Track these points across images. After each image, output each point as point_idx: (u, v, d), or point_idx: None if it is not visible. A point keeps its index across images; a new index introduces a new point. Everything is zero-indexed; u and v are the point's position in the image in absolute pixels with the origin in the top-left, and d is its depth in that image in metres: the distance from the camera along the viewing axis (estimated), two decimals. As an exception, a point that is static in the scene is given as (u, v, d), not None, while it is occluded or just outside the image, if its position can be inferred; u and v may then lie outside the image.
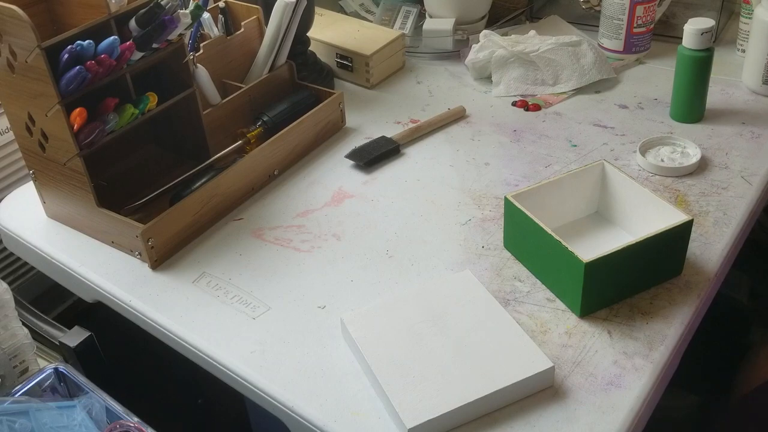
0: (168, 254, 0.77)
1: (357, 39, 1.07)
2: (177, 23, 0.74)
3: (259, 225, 0.81)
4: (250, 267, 0.75)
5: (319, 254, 0.76)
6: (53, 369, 0.73)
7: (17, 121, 0.76)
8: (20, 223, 0.84)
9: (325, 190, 0.85)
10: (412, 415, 0.56)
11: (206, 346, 0.67)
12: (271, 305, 0.70)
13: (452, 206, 0.81)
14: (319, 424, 0.59)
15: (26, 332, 0.78)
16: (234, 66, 0.94)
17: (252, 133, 0.89)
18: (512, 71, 1.00)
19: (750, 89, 0.97)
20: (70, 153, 0.73)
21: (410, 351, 0.61)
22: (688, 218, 0.66)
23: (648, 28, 1.03)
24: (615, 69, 1.04)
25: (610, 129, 0.92)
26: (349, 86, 1.07)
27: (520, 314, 0.67)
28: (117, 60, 0.71)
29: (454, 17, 1.11)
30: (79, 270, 0.77)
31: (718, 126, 0.90)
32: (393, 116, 0.98)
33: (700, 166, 0.83)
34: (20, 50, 0.68)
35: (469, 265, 0.73)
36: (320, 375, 0.63)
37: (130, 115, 0.74)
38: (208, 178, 0.80)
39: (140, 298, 0.72)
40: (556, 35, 1.01)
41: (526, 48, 0.99)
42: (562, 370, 0.61)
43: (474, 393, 0.57)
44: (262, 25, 0.94)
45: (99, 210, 0.76)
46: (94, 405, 0.69)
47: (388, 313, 0.65)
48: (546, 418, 0.58)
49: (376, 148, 0.90)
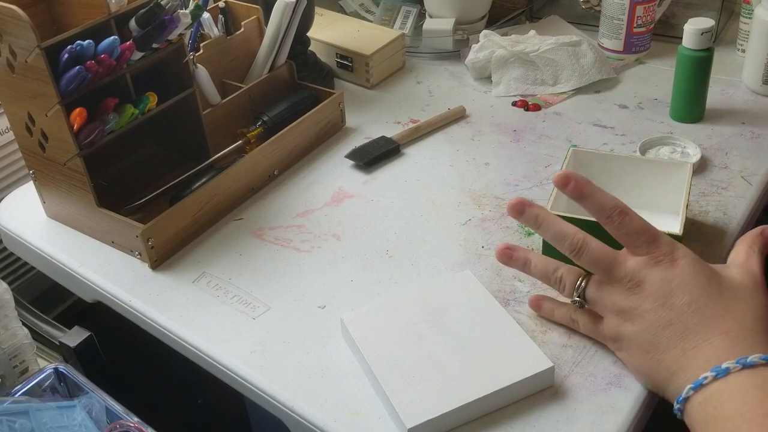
0: (168, 254, 0.77)
1: (357, 39, 1.07)
2: (177, 23, 0.74)
3: (259, 225, 0.81)
4: (250, 267, 0.75)
5: (319, 254, 0.76)
6: (53, 369, 0.73)
7: (17, 121, 0.76)
8: (20, 223, 0.84)
9: (325, 190, 0.85)
10: (412, 415, 0.56)
11: (206, 346, 0.67)
12: (271, 305, 0.70)
13: (452, 206, 0.81)
14: (319, 424, 0.59)
15: (26, 332, 0.78)
16: (234, 66, 0.94)
17: (252, 133, 0.89)
18: (512, 71, 1.00)
19: (750, 89, 0.97)
20: (70, 153, 0.73)
21: (410, 351, 0.61)
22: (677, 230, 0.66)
23: (648, 28, 1.03)
24: (615, 69, 1.04)
25: (610, 129, 0.92)
26: (349, 86, 1.07)
27: (520, 314, 0.67)
28: (117, 60, 0.71)
29: (454, 17, 1.11)
30: (79, 270, 0.77)
31: (718, 126, 0.90)
32: (393, 116, 0.98)
33: (700, 166, 0.83)
34: (20, 50, 0.68)
35: (469, 265, 0.73)
36: (320, 375, 0.63)
37: (130, 115, 0.74)
38: (208, 178, 0.80)
39: (140, 298, 0.72)
40: (557, 35, 1.02)
41: (526, 48, 0.99)
42: (562, 370, 0.61)
43: (474, 393, 0.57)
44: (262, 25, 0.94)
45: (99, 210, 0.76)
46: (94, 405, 0.69)
47: (388, 313, 0.65)
48: (546, 418, 0.58)
49: (376, 148, 0.90)
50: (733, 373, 0.51)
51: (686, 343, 0.54)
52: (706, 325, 0.54)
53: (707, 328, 0.54)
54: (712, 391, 0.52)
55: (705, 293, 0.56)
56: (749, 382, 0.51)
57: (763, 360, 0.51)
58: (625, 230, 0.57)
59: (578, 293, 0.60)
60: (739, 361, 0.51)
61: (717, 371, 0.51)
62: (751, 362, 0.51)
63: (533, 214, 0.60)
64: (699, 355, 0.54)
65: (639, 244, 0.57)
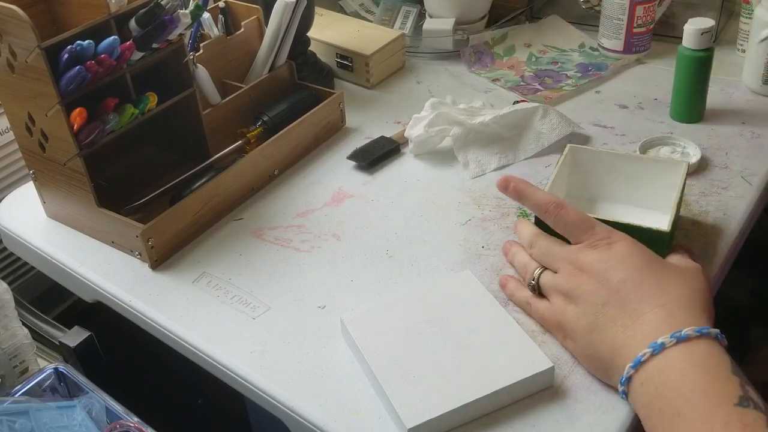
0: (168, 254, 0.77)
1: (357, 39, 1.07)
2: (177, 23, 0.74)
3: (259, 225, 0.81)
4: (250, 267, 0.75)
5: (319, 254, 0.76)
6: (53, 369, 0.73)
7: (17, 121, 0.76)
8: (20, 223, 0.84)
9: (325, 190, 0.85)
10: (412, 415, 0.56)
11: (206, 346, 0.67)
12: (271, 305, 0.70)
13: (452, 206, 0.81)
14: (318, 424, 0.59)
15: (26, 332, 0.78)
16: (234, 66, 0.94)
17: (252, 133, 0.89)
18: (477, 149, 0.88)
19: (750, 89, 0.97)
20: (70, 153, 0.73)
21: (410, 351, 0.61)
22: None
23: (648, 28, 1.03)
24: (615, 69, 1.04)
25: (610, 129, 0.92)
26: (349, 86, 1.07)
27: (520, 314, 0.67)
28: (117, 60, 0.71)
29: (454, 17, 1.11)
30: (79, 270, 0.77)
31: (718, 126, 0.90)
32: (393, 116, 0.98)
33: (700, 166, 0.83)
34: (20, 50, 0.68)
35: (469, 265, 0.73)
36: (320, 375, 0.63)
37: (130, 115, 0.74)
38: (208, 178, 0.80)
39: (140, 298, 0.72)
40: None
41: (485, 118, 0.87)
42: (562, 369, 0.61)
43: (474, 393, 0.57)
44: (262, 25, 0.94)
45: (99, 210, 0.76)
46: (94, 405, 0.69)
47: (388, 313, 0.65)
48: (546, 418, 0.58)
49: (377, 149, 0.90)
50: (669, 348, 0.52)
51: (625, 320, 0.56)
52: (642, 300, 0.56)
53: (643, 303, 0.56)
54: (651, 369, 0.53)
55: (640, 271, 0.58)
56: (685, 358, 0.52)
57: (696, 333, 0.52)
58: (562, 222, 0.63)
59: (534, 279, 0.64)
60: (674, 335, 0.53)
61: (654, 347, 0.53)
62: (685, 335, 0.52)
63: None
64: (637, 331, 0.55)
65: (577, 233, 0.62)
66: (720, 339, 0.54)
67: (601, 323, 0.57)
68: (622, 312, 0.56)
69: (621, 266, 0.58)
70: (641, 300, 0.56)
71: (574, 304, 0.60)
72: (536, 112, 0.88)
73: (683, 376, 0.51)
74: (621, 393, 0.56)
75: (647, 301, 0.56)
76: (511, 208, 0.80)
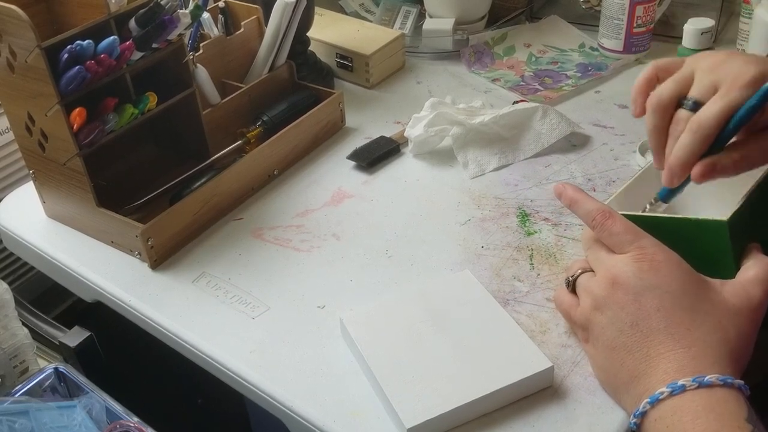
0: (168, 254, 0.77)
1: (357, 39, 1.07)
2: (177, 23, 0.74)
3: (258, 225, 0.81)
4: (249, 267, 0.75)
5: (319, 254, 0.76)
6: (53, 369, 0.73)
7: (17, 121, 0.76)
8: (20, 223, 0.84)
9: (325, 190, 0.85)
10: (412, 415, 0.56)
11: (206, 345, 0.67)
12: (270, 305, 0.70)
13: (452, 206, 0.81)
14: (318, 423, 0.59)
15: (26, 332, 0.78)
16: (234, 66, 0.94)
17: (252, 133, 0.89)
18: (476, 148, 0.88)
19: (750, 89, 0.97)
20: (70, 153, 0.73)
21: (410, 351, 0.61)
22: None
23: (648, 28, 1.03)
24: (615, 69, 1.04)
25: (610, 129, 0.92)
26: (349, 86, 1.07)
27: (520, 314, 0.67)
28: (117, 60, 0.71)
29: (454, 17, 1.12)
30: (78, 270, 0.77)
31: (718, 126, 0.90)
32: (393, 116, 0.98)
33: (699, 166, 0.83)
34: (20, 50, 0.68)
35: (469, 265, 0.73)
36: (320, 375, 0.63)
37: (129, 115, 0.74)
38: (208, 178, 0.80)
39: (140, 298, 0.72)
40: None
41: (485, 118, 0.87)
42: (562, 370, 0.61)
43: (473, 393, 0.57)
44: (262, 25, 0.94)
45: (99, 210, 0.76)
46: (94, 405, 0.69)
47: (387, 313, 0.65)
48: (545, 418, 0.58)
49: (377, 149, 0.90)
50: (689, 391, 0.51)
51: (650, 349, 0.55)
52: (671, 334, 0.54)
53: (671, 338, 0.54)
54: (666, 408, 0.52)
55: (676, 302, 0.55)
56: (703, 402, 0.51)
57: (720, 381, 0.51)
58: (608, 232, 0.60)
59: (572, 276, 0.63)
60: (696, 379, 0.51)
61: (673, 387, 0.52)
62: (707, 382, 0.51)
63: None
64: (660, 365, 0.54)
65: (622, 244, 0.59)
66: (743, 389, 0.52)
67: (627, 343, 0.56)
68: (648, 339, 0.55)
69: (657, 291, 0.56)
70: (670, 335, 0.54)
71: (601, 312, 0.58)
72: (536, 112, 0.89)
73: (695, 419, 0.50)
74: (632, 424, 0.54)
75: (675, 338, 0.54)
76: (511, 208, 0.80)
